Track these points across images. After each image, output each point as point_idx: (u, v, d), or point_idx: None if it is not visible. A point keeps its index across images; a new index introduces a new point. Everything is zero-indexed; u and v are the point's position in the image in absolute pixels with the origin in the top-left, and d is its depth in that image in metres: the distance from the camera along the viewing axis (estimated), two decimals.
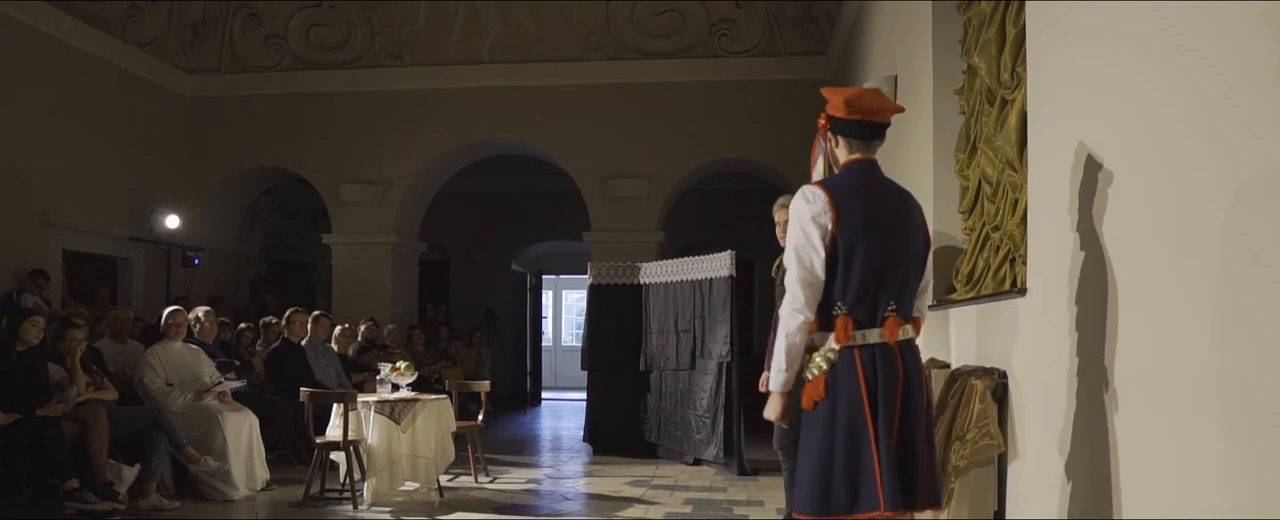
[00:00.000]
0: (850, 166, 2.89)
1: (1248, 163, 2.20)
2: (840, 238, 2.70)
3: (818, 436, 2.72)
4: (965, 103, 5.21)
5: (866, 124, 2.85)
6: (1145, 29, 2.76)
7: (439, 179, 12.64)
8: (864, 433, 2.64)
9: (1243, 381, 2.21)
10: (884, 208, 2.81)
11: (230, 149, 11.81)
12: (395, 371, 6.53)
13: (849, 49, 9.27)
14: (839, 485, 2.64)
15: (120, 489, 5.65)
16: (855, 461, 2.64)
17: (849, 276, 2.72)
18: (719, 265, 7.99)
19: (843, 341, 2.72)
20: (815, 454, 2.71)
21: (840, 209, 2.71)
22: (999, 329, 4.25)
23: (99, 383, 6.16)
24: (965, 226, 5.26)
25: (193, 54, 11.53)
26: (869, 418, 2.65)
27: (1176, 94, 2.56)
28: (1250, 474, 2.18)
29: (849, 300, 2.73)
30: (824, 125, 2.91)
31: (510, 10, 11.34)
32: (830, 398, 2.71)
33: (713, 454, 7.75)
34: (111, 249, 10.51)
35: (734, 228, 13.62)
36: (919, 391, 2.80)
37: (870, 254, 2.72)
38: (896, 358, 2.74)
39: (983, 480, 4.09)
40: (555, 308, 21.67)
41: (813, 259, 2.73)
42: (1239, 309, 2.23)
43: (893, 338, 2.74)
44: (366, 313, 10.73)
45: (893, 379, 2.70)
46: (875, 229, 2.75)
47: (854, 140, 2.88)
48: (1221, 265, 2.31)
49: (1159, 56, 2.67)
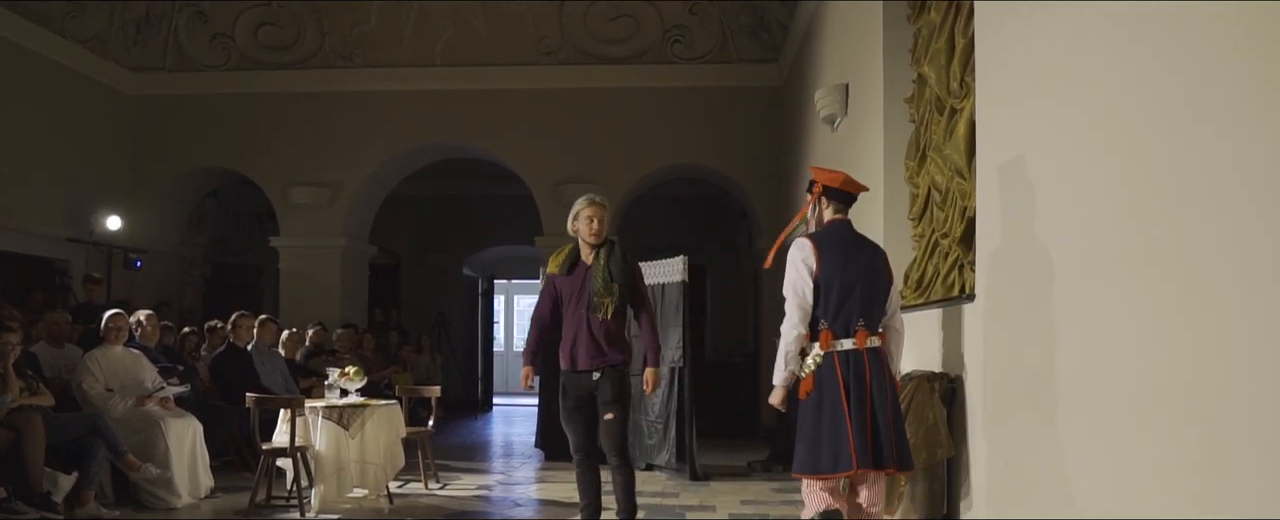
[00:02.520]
0: (832, 224, 3.85)
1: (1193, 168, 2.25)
2: (821, 274, 3.68)
3: (810, 418, 3.67)
4: (915, 111, 5.29)
5: (848, 195, 3.88)
6: (1092, 40, 2.82)
7: (390, 182, 12.51)
8: (841, 416, 3.57)
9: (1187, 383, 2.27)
10: (854, 253, 3.76)
11: (175, 149, 11.56)
12: (344, 376, 6.44)
13: (801, 57, 9.37)
14: (825, 453, 3.58)
15: (57, 498, 5.49)
16: (835, 436, 3.56)
17: (829, 301, 3.68)
18: (671, 270, 8.00)
19: (826, 348, 3.67)
20: (808, 430, 3.66)
21: (821, 254, 3.69)
22: (949, 334, 4.32)
23: (34, 388, 5.97)
24: (915, 233, 5.33)
25: (136, 51, 11.27)
26: (845, 404, 3.57)
27: (1123, 103, 2.62)
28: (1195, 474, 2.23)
29: (829, 318, 3.68)
30: (819, 191, 3.86)
31: (463, 12, 11.27)
32: (818, 391, 3.65)
33: (665, 459, 7.75)
34: (49, 250, 10.22)
35: (686, 233, 13.68)
36: (883, 384, 3.64)
37: (843, 285, 3.67)
38: (865, 360, 3.64)
39: (932, 483, 4.15)
40: (507, 312, 21.55)
41: (804, 289, 3.69)
42: (1182, 312, 2.29)
43: (862, 345, 3.66)
44: (315, 317, 10.56)
45: (862, 376, 3.61)
46: (846, 268, 3.69)
47: (838, 204, 3.86)
48: (1166, 270, 2.37)
49: (1105, 67, 2.73)
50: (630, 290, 4.86)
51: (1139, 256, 2.50)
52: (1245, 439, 2.01)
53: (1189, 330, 2.25)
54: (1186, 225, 2.26)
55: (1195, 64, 2.23)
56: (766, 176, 11.15)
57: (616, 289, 4.75)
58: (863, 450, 3.53)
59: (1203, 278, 2.18)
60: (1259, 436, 1.96)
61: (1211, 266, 2.15)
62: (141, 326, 7.17)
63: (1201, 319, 2.19)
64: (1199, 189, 2.21)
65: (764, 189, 11.19)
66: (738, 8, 10.85)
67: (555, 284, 5.00)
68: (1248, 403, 2.00)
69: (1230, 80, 2.08)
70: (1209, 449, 2.16)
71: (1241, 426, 2.02)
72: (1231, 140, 2.08)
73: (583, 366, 4.80)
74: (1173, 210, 2.32)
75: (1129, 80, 2.57)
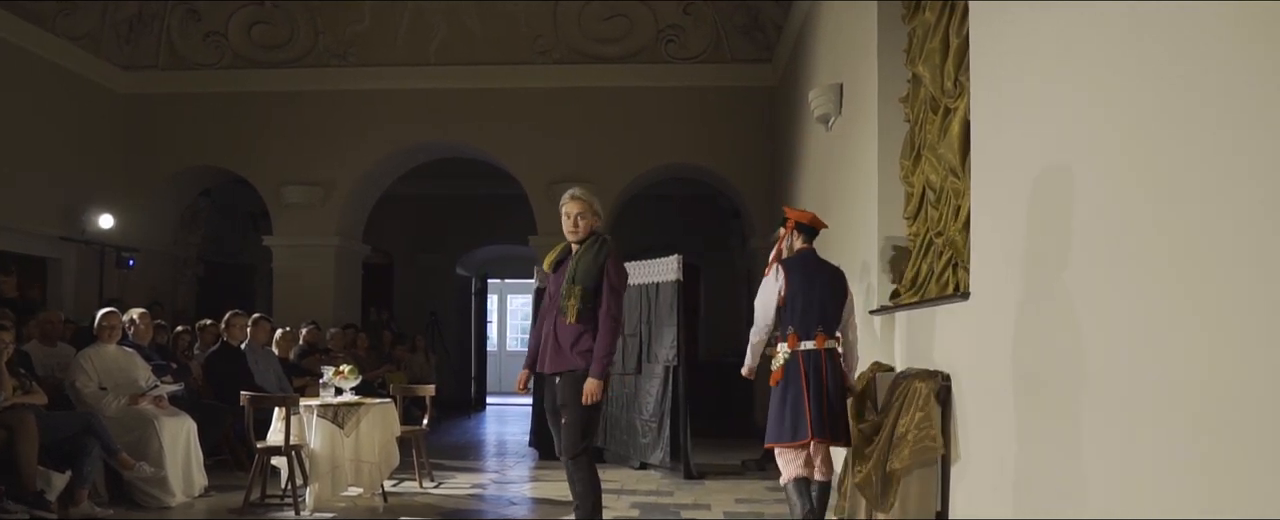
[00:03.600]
0: (800, 252, 4.83)
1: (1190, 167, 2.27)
2: (788, 291, 4.65)
3: (777, 402, 4.62)
4: (910, 111, 5.31)
5: (814, 229, 4.89)
6: (1087, 40, 2.84)
7: (383, 181, 12.49)
8: (801, 399, 4.51)
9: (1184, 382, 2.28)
10: (817, 275, 4.73)
11: (168, 148, 11.53)
12: (339, 375, 6.44)
13: (795, 57, 9.38)
14: (788, 426, 4.54)
15: (50, 497, 5.47)
16: (796, 414, 4.52)
17: (794, 311, 4.62)
18: (666, 270, 8.01)
19: (793, 347, 4.61)
20: (776, 410, 4.62)
21: (789, 276, 4.67)
22: (942, 333, 4.34)
23: (27, 387, 5.95)
24: (909, 232, 5.35)
25: (129, 50, 11.23)
26: (805, 392, 4.51)
27: (1117, 102, 2.64)
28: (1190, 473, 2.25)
29: (795, 324, 4.62)
30: (791, 226, 4.84)
31: (457, 12, 11.26)
32: (784, 380, 4.60)
33: (659, 458, 7.76)
34: (41, 249, 10.18)
35: (680, 233, 13.69)
36: (837, 377, 4.61)
37: (805, 300, 4.62)
38: (822, 358, 4.57)
39: (925, 482, 4.16)
40: (500, 312, 21.54)
41: (768, 305, 4.70)
42: (1180, 311, 2.30)
43: (821, 346, 4.59)
44: (308, 316, 10.54)
45: (820, 370, 4.56)
46: (809, 287, 4.65)
47: (805, 235, 4.85)
48: (1163, 268, 2.38)
49: (1100, 65, 2.75)
50: (595, 292, 4.53)
51: (1135, 255, 2.52)
52: (1244, 439, 2.03)
53: (1186, 329, 2.26)
54: (1183, 224, 2.28)
55: (1192, 63, 2.25)
56: (760, 176, 11.17)
57: (578, 291, 4.49)
58: (819, 425, 4.49)
59: (1201, 276, 2.20)
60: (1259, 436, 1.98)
61: (1209, 265, 2.17)
62: (135, 325, 7.16)
63: (1200, 318, 2.20)
64: (1196, 188, 2.23)
65: (758, 189, 11.21)
66: (732, 8, 10.87)
67: (549, 282, 4.91)
68: (1246, 402, 2.02)
69: (1228, 79, 2.10)
70: (1206, 448, 2.17)
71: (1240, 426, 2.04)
72: (1229, 139, 2.10)
73: (546, 369, 4.63)
74: (1169, 209, 2.34)
75: (1124, 80, 2.59)
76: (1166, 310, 2.34)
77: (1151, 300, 2.42)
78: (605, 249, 4.66)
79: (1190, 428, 2.23)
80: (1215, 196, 2.14)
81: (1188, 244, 2.25)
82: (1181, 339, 2.27)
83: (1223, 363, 2.10)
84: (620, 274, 4.66)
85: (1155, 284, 2.40)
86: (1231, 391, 2.06)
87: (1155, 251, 2.40)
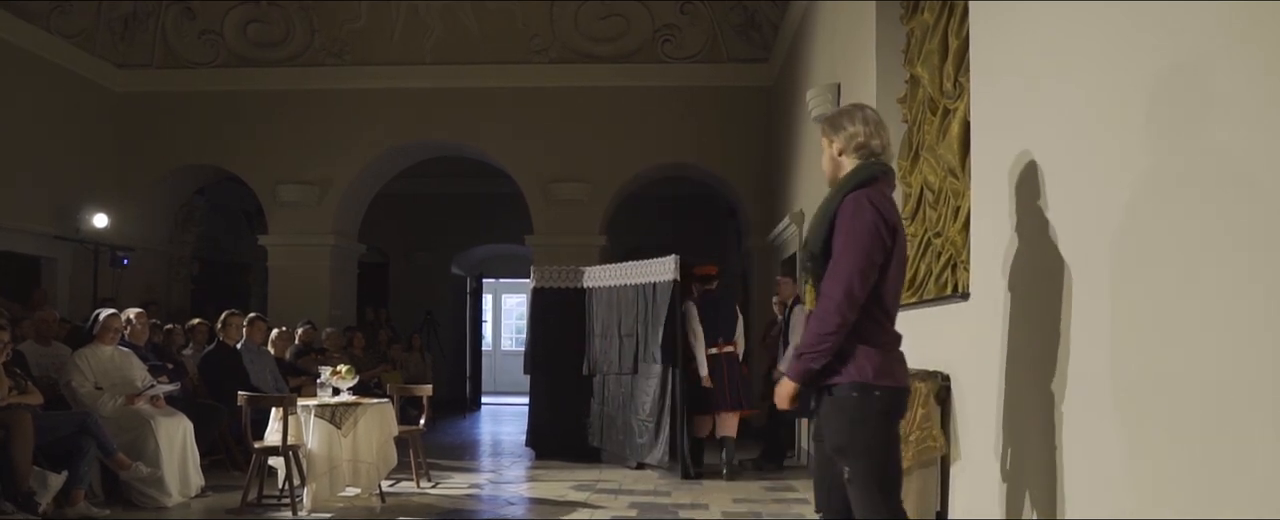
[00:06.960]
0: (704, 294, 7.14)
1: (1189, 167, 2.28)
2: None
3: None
4: (908, 111, 5.32)
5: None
6: (1087, 40, 2.85)
7: (379, 180, 12.47)
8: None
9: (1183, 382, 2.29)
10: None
11: (162, 146, 11.50)
12: (336, 375, 6.42)
13: (791, 57, 9.39)
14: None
15: (45, 498, 5.44)
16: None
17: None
18: (663, 269, 8.01)
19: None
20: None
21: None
22: (942, 333, 4.34)
23: (22, 387, 5.93)
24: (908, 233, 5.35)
25: (123, 48, 11.19)
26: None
27: (1117, 102, 2.64)
28: (1191, 473, 2.25)
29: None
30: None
31: (453, 11, 11.24)
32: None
33: (657, 458, 7.76)
34: (35, 248, 10.14)
35: (675, 233, 13.69)
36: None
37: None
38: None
39: (926, 481, 4.17)
40: (495, 311, 21.50)
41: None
42: (1179, 310, 2.31)
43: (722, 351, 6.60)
44: (304, 315, 10.51)
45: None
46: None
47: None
48: (1161, 268, 2.39)
49: (1100, 67, 2.76)
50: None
51: (1134, 255, 2.52)
52: (1244, 439, 2.03)
53: (1187, 328, 2.27)
54: (1181, 223, 2.28)
55: (1191, 63, 2.26)
56: (756, 176, 11.17)
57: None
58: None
59: (1201, 276, 2.20)
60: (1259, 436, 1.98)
61: (1209, 265, 2.17)
62: (131, 325, 7.13)
63: (1200, 317, 2.21)
64: (1195, 187, 2.23)
65: (753, 189, 11.21)
66: (728, 7, 10.87)
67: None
68: (1247, 402, 2.02)
69: (1227, 79, 2.11)
70: (1206, 448, 2.18)
71: (1241, 426, 2.05)
72: (1228, 138, 2.10)
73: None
74: (1167, 209, 2.35)
75: (1124, 80, 2.59)
76: (1166, 310, 2.35)
77: (1151, 300, 2.42)
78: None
79: (1190, 427, 2.23)
80: (1215, 196, 2.14)
81: (1187, 244, 2.25)
82: (1181, 338, 2.28)
83: (1223, 362, 2.10)
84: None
85: (1155, 284, 2.40)
86: (1232, 391, 2.06)
87: (1155, 251, 2.41)
